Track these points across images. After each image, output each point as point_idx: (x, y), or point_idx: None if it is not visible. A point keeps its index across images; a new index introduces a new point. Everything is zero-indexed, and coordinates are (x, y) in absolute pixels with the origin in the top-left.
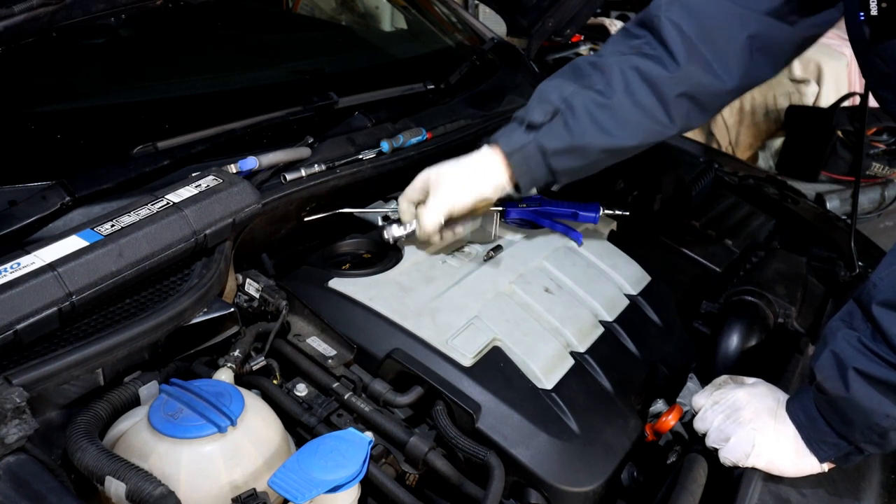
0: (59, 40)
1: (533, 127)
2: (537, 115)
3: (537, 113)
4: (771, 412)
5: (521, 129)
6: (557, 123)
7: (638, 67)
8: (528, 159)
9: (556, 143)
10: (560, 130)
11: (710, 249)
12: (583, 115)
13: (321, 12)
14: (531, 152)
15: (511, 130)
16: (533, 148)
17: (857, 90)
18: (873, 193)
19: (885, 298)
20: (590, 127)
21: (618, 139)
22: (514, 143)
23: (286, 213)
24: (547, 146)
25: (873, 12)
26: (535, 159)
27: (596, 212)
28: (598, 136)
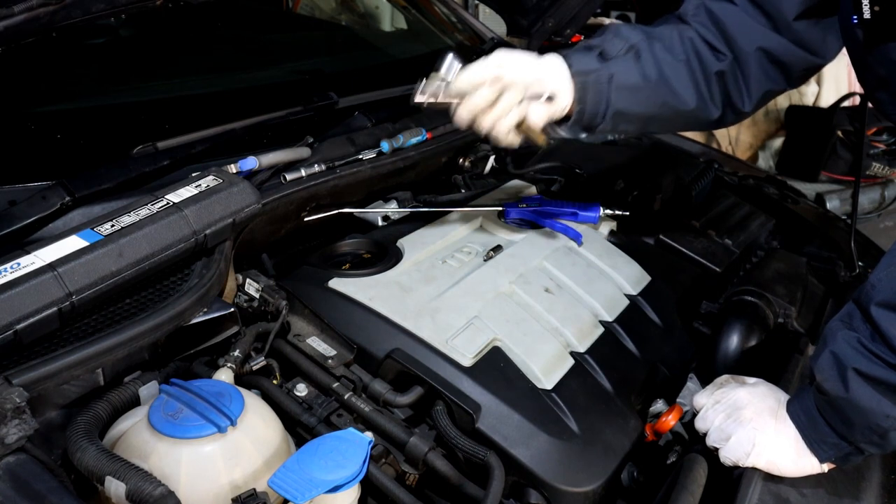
0: (59, 40)
1: (605, 57)
2: (614, 47)
3: (613, 45)
4: (772, 412)
5: (594, 56)
6: (629, 59)
7: (692, 40)
8: (594, 85)
9: (627, 78)
10: (631, 66)
11: (710, 249)
12: (651, 62)
13: (321, 12)
14: (600, 79)
15: (581, 53)
16: (604, 74)
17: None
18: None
19: (884, 299)
20: (658, 76)
21: (679, 99)
22: (587, 65)
23: (286, 213)
24: (617, 77)
25: (866, 15)
26: (600, 88)
27: (596, 212)
28: (664, 88)
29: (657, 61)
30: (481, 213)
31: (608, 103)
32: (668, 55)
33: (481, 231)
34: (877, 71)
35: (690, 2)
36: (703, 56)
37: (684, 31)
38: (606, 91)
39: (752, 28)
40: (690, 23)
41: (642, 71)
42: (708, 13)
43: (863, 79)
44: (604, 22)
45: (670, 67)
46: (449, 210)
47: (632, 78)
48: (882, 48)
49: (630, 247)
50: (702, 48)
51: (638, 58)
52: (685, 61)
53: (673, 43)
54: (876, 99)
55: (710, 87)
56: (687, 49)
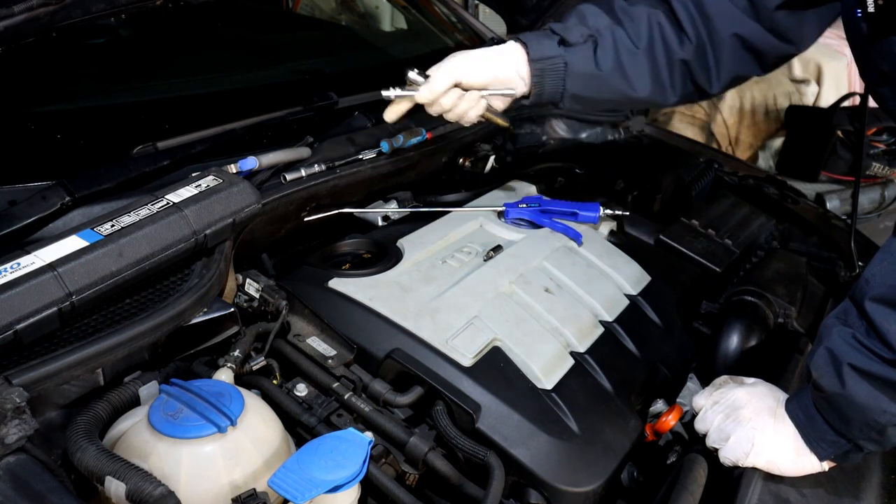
0: (59, 40)
1: (565, 43)
2: (574, 34)
3: (574, 33)
4: (770, 411)
5: (553, 42)
6: (587, 48)
7: (661, 25)
8: (550, 71)
9: (581, 67)
10: (588, 56)
11: (710, 249)
12: (610, 52)
13: (321, 12)
14: (556, 65)
15: (542, 38)
16: (560, 62)
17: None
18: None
19: (878, 294)
20: (613, 65)
21: (633, 88)
22: (544, 51)
23: (286, 213)
24: (572, 65)
25: (870, 9)
26: (555, 73)
27: (596, 212)
28: (618, 78)
29: (616, 51)
30: (481, 213)
31: (564, 87)
32: (630, 43)
33: (481, 231)
34: (879, 66)
35: None
36: (669, 42)
37: (654, 14)
38: (562, 77)
39: (730, 13)
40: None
41: (597, 61)
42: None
43: (865, 74)
44: None
45: (628, 57)
46: (449, 210)
47: (587, 67)
48: (885, 42)
49: (630, 247)
50: (669, 34)
51: (595, 47)
52: (646, 49)
53: (639, 28)
54: (878, 94)
55: (671, 74)
56: (653, 35)
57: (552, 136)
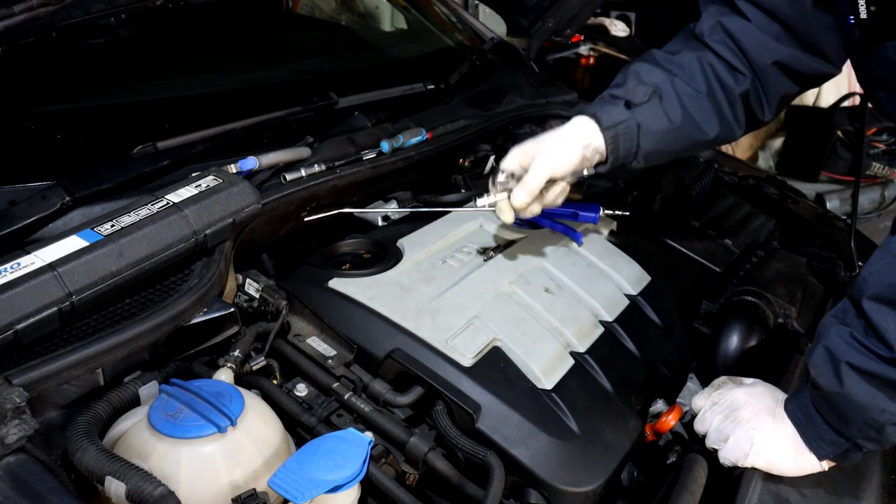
0: (59, 40)
1: (631, 105)
2: (638, 95)
3: (638, 93)
4: (769, 411)
5: (620, 106)
6: (654, 105)
7: (713, 65)
8: (624, 135)
9: (653, 124)
10: (657, 112)
11: (710, 249)
12: (675, 103)
13: (321, 12)
14: (629, 128)
15: (607, 106)
16: (632, 124)
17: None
18: (873, 193)
19: (876, 293)
20: (682, 115)
21: (703, 132)
22: (615, 118)
23: (286, 213)
24: (644, 125)
25: (862, 15)
26: (629, 136)
27: (596, 212)
28: (689, 126)
29: (680, 100)
30: (481, 213)
31: (638, 147)
32: (691, 89)
33: (481, 231)
34: (874, 70)
35: (706, 20)
36: (725, 81)
37: (704, 56)
38: (636, 138)
39: (765, 43)
40: (708, 42)
41: (667, 114)
42: (724, 31)
43: (862, 78)
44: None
45: (693, 103)
46: (449, 210)
47: (659, 124)
48: (879, 48)
49: (630, 247)
50: (722, 73)
51: (661, 101)
52: (707, 93)
53: (694, 74)
54: (875, 98)
55: (734, 110)
56: (709, 77)
57: None
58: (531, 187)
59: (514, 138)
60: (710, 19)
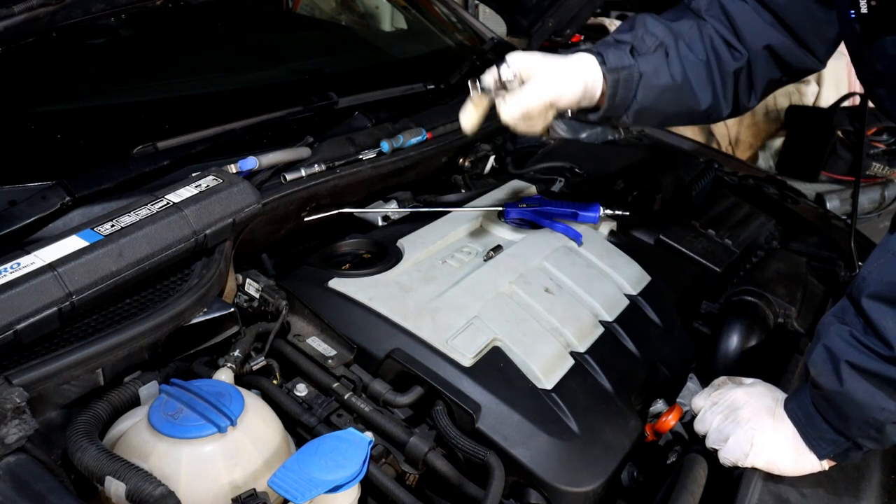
0: (59, 40)
1: (636, 53)
2: (646, 44)
3: (646, 42)
4: (769, 411)
5: (625, 51)
6: (660, 57)
7: (711, 37)
8: (625, 81)
9: (654, 77)
10: (662, 65)
11: (710, 249)
12: (677, 62)
13: (321, 12)
14: (632, 75)
15: (615, 49)
16: (634, 72)
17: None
18: (873, 193)
19: (875, 291)
20: (682, 74)
21: (697, 100)
22: (621, 61)
23: (286, 213)
24: (647, 76)
25: (863, 10)
26: (629, 84)
27: (596, 212)
28: (687, 89)
29: (682, 61)
30: (481, 213)
31: (634, 99)
32: (691, 54)
33: (481, 231)
34: (874, 66)
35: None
36: (721, 54)
37: (703, 26)
38: (635, 88)
39: (759, 25)
40: (706, 18)
41: (670, 71)
42: (721, 8)
43: (861, 75)
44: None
45: (692, 68)
46: (449, 210)
47: (660, 78)
48: (879, 43)
49: (630, 247)
50: (720, 46)
51: (666, 56)
52: (705, 62)
53: (694, 40)
54: (875, 95)
55: (725, 86)
56: (707, 47)
57: (552, 136)
58: (529, 105)
59: (514, 138)
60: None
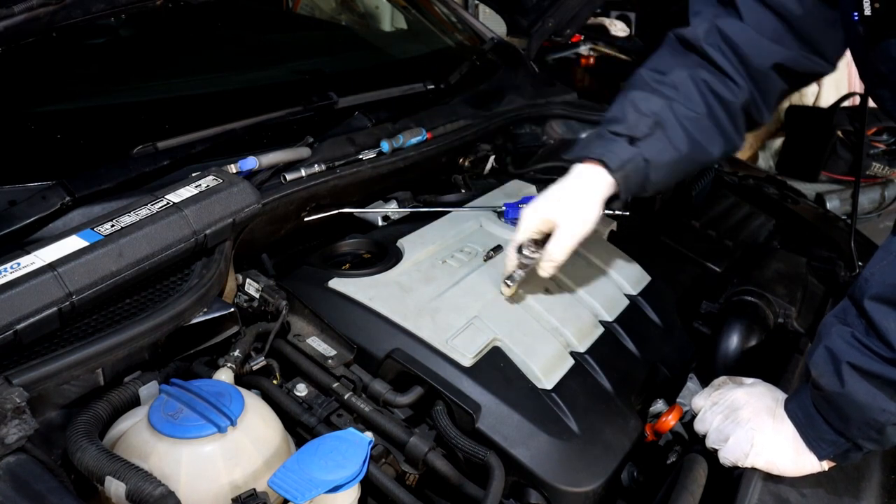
0: (59, 40)
1: (635, 140)
2: (641, 128)
3: (641, 126)
4: (769, 411)
5: (624, 143)
6: (659, 136)
7: (707, 82)
8: (633, 173)
9: (661, 157)
10: (663, 143)
11: (710, 249)
12: (679, 130)
13: (321, 12)
14: (638, 165)
15: (612, 145)
16: (640, 161)
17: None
18: (873, 193)
19: (877, 293)
20: (686, 140)
21: (709, 153)
22: (622, 157)
23: (286, 213)
24: (653, 159)
25: (867, 12)
26: (639, 173)
27: None
28: (696, 151)
29: (682, 125)
30: (481, 213)
31: (647, 179)
32: (690, 112)
33: (481, 231)
34: (877, 68)
35: (700, 24)
36: (723, 96)
37: (696, 73)
38: (645, 173)
39: (763, 45)
40: (704, 48)
41: (673, 144)
42: (720, 34)
43: (864, 76)
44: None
45: (695, 125)
46: (449, 210)
47: (666, 155)
48: (882, 45)
49: (630, 247)
50: (719, 88)
51: (664, 130)
52: (707, 114)
53: (691, 94)
54: (877, 96)
55: (735, 123)
56: (706, 97)
57: (552, 136)
58: (557, 260)
59: (514, 138)
60: (705, 23)
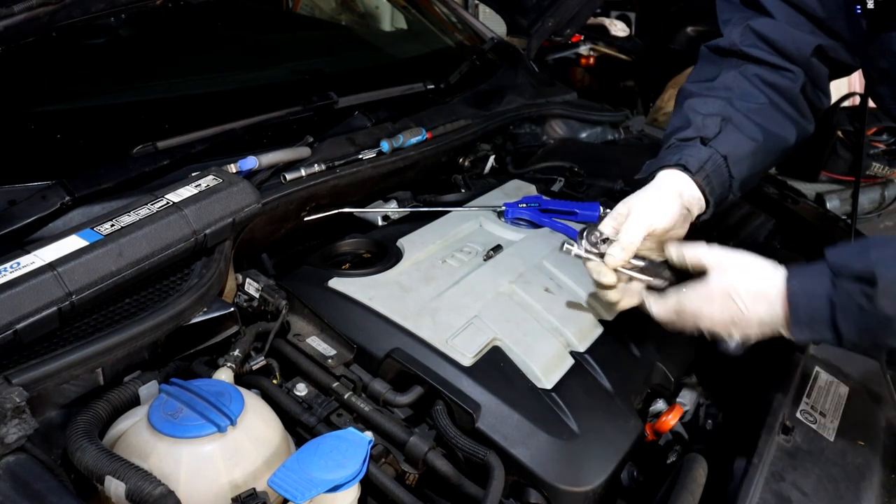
0: (59, 40)
1: (706, 140)
2: (711, 128)
3: (710, 126)
4: None
5: (698, 146)
6: (730, 131)
7: (759, 75)
8: (715, 173)
9: (737, 150)
10: (737, 137)
11: None
12: (745, 120)
13: (321, 12)
14: (717, 163)
15: (685, 149)
16: (718, 158)
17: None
18: (873, 193)
19: None
20: (756, 129)
21: (785, 139)
22: (700, 158)
23: (286, 212)
24: (731, 154)
25: (870, 5)
26: (720, 172)
27: (596, 212)
28: (768, 137)
29: (751, 118)
30: (481, 213)
31: (732, 178)
32: (753, 104)
33: (481, 231)
34: (879, 63)
35: (732, 29)
36: (779, 84)
37: (745, 69)
38: (727, 171)
39: (799, 37)
40: (742, 49)
41: (747, 136)
42: (755, 34)
43: (865, 72)
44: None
45: (763, 116)
46: (449, 210)
47: (744, 147)
48: (885, 38)
49: None
50: (772, 77)
51: (736, 126)
52: (769, 103)
53: (746, 90)
54: (876, 94)
55: (800, 109)
56: (762, 89)
57: (552, 136)
58: (626, 244)
59: (514, 138)
60: (737, 27)
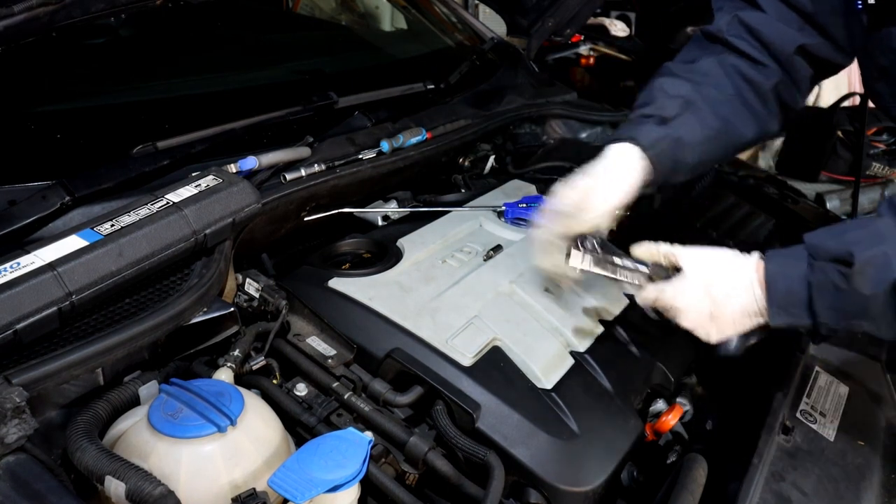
0: (59, 40)
1: (665, 121)
2: (670, 108)
3: (669, 107)
4: None
5: (653, 124)
6: (688, 116)
7: (735, 66)
8: (666, 152)
9: (691, 135)
10: (693, 122)
11: None
12: (707, 109)
13: (321, 12)
14: (669, 144)
15: (643, 126)
16: (671, 140)
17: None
18: (873, 193)
19: None
20: (716, 119)
21: (741, 135)
22: (652, 136)
23: (286, 212)
24: (683, 138)
25: (871, 0)
26: (670, 151)
27: None
28: (726, 131)
29: (712, 106)
30: (481, 213)
31: (680, 161)
32: (719, 94)
33: (481, 231)
34: (878, 60)
35: (722, 17)
36: (752, 78)
37: (724, 58)
38: (676, 152)
39: (785, 31)
40: (727, 38)
41: (704, 123)
42: (742, 25)
43: (865, 69)
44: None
45: (725, 107)
46: (449, 210)
47: (696, 134)
48: (885, 34)
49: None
50: (748, 70)
51: (695, 112)
52: (736, 95)
53: (719, 79)
54: (875, 92)
55: (767, 106)
56: (734, 80)
57: (552, 136)
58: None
59: (514, 138)
60: (726, 16)
